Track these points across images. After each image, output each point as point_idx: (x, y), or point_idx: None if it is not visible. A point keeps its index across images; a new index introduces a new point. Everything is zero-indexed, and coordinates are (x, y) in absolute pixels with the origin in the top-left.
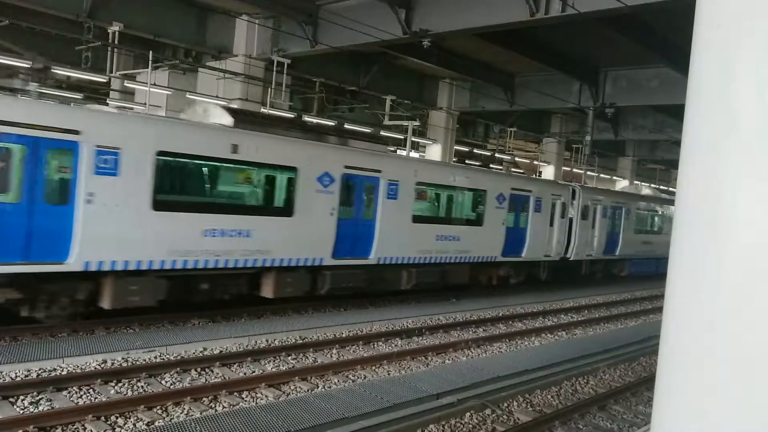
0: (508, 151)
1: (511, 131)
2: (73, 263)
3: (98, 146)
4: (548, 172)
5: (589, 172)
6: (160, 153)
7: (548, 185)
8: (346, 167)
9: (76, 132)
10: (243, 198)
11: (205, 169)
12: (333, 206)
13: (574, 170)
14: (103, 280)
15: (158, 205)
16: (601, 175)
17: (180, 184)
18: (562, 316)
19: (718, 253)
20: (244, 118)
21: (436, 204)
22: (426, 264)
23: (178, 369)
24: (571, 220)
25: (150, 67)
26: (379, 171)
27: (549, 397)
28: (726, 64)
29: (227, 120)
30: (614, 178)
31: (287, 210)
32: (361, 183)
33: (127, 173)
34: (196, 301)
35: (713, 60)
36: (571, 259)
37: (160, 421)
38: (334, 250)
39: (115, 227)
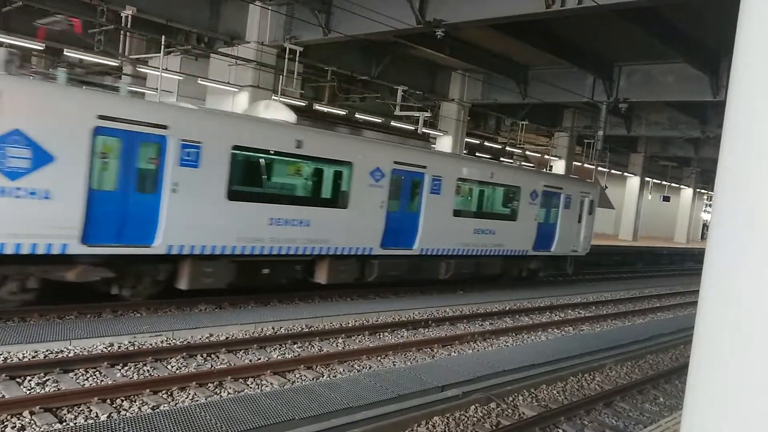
0: (519, 144)
1: (522, 124)
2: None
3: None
4: (559, 166)
5: (600, 168)
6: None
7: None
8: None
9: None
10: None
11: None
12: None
13: (585, 165)
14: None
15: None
16: (612, 171)
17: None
18: (569, 311)
19: (756, 252)
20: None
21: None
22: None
23: (184, 354)
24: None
25: (162, 51)
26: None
27: (554, 392)
28: None
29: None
30: (626, 174)
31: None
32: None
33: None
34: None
35: (757, 55)
36: None
37: (165, 405)
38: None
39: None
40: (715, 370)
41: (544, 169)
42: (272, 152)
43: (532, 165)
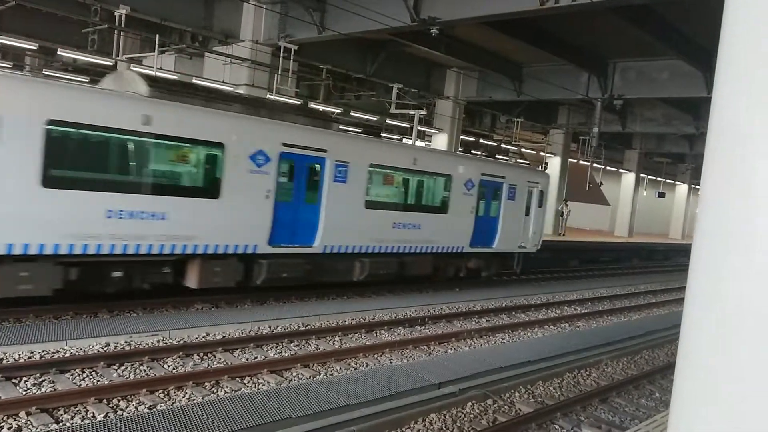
0: (515, 141)
1: (517, 122)
2: None
3: None
4: (554, 163)
5: (595, 164)
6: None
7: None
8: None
9: None
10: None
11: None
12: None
13: (580, 162)
14: None
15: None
16: (608, 168)
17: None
18: (566, 307)
19: (743, 244)
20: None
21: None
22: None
23: (181, 353)
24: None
25: (156, 51)
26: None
27: (551, 388)
28: (757, 41)
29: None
30: (621, 170)
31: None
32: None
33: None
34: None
35: (742, 49)
36: None
37: (162, 405)
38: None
39: None
40: (701, 363)
41: (540, 167)
42: (108, 129)
43: (527, 161)
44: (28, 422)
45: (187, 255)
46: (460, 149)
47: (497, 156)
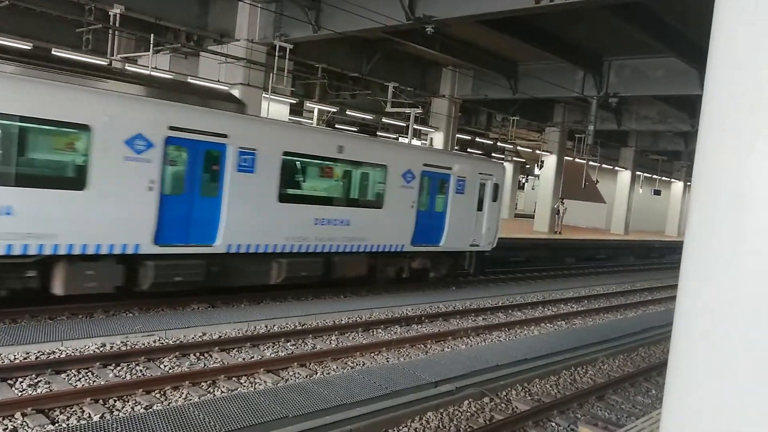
0: (511, 139)
1: (513, 120)
2: None
3: None
4: (550, 161)
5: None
6: None
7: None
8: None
9: None
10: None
11: None
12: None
13: (576, 159)
14: None
15: None
16: (603, 166)
17: None
18: (562, 306)
19: (736, 237)
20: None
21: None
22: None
23: (177, 353)
24: None
25: (151, 50)
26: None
27: (547, 386)
28: (749, 38)
29: None
30: (617, 168)
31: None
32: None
33: None
34: None
35: (734, 33)
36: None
37: (159, 405)
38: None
39: None
40: (692, 359)
41: (536, 165)
42: None
43: (523, 159)
44: (24, 423)
45: (47, 256)
46: (456, 147)
47: (493, 154)
